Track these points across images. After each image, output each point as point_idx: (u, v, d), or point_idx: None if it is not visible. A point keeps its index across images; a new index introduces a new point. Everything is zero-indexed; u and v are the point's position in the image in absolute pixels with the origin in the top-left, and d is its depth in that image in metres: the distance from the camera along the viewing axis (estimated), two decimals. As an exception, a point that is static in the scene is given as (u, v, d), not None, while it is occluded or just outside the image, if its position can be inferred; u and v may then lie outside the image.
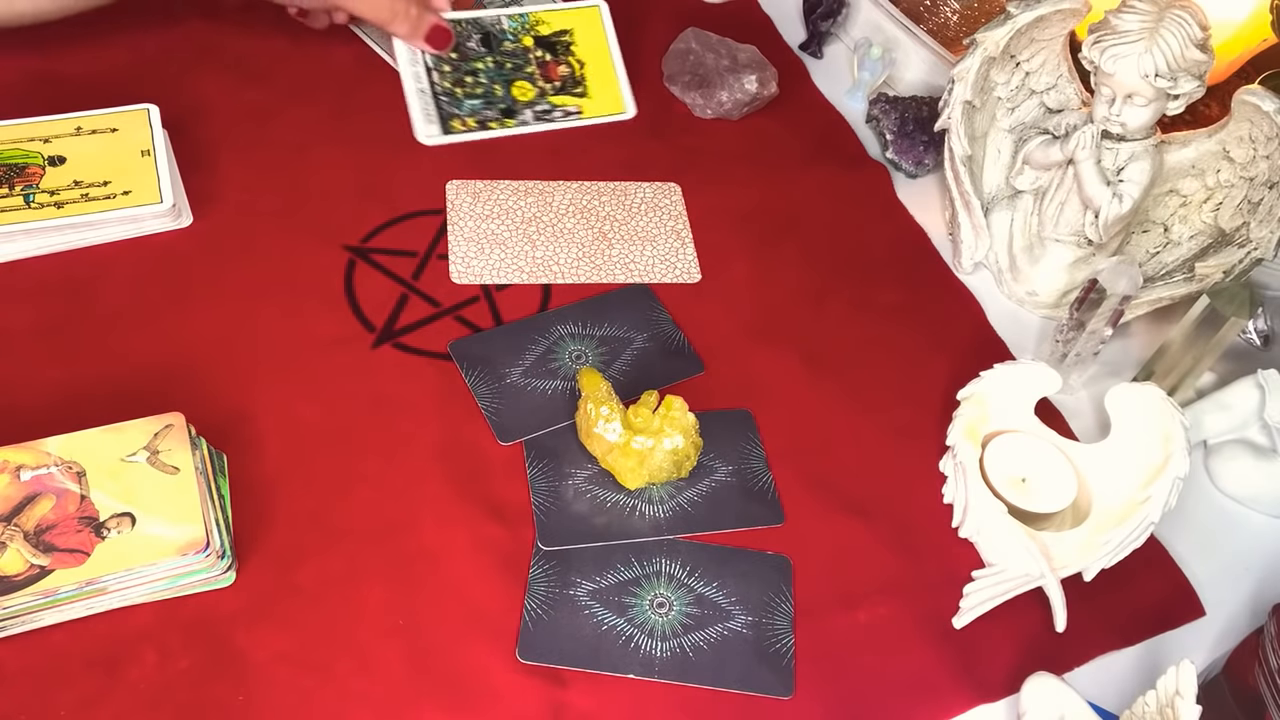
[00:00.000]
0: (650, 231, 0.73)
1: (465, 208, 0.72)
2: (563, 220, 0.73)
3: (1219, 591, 0.62)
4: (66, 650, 0.52)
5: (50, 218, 0.66)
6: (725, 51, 0.84)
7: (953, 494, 0.62)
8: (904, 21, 0.88)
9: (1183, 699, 0.46)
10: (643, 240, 0.72)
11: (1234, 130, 0.67)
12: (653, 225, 0.74)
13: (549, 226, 0.72)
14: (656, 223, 0.74)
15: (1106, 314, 0.65)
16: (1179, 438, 0.59)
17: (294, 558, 0.56)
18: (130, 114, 0.71)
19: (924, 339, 0.71)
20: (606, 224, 0.73)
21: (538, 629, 0.55)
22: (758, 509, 0.61)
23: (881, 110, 0.83)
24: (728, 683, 0.54)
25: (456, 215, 0.72)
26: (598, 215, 0.74)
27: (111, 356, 0.62)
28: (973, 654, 0.57)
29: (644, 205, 0.75)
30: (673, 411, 0.59)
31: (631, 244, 0.72)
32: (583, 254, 0.71)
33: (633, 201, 0.75)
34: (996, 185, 0.76)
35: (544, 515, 0.59)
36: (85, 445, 0.54)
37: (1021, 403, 0.63)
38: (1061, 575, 0.57)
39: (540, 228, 0.72)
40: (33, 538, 0.51)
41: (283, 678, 0.52)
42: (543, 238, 0.71)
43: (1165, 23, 0.62)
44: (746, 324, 0.70)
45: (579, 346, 0.67)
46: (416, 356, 0.65)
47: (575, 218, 0.73)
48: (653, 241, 0.72)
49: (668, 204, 0.76)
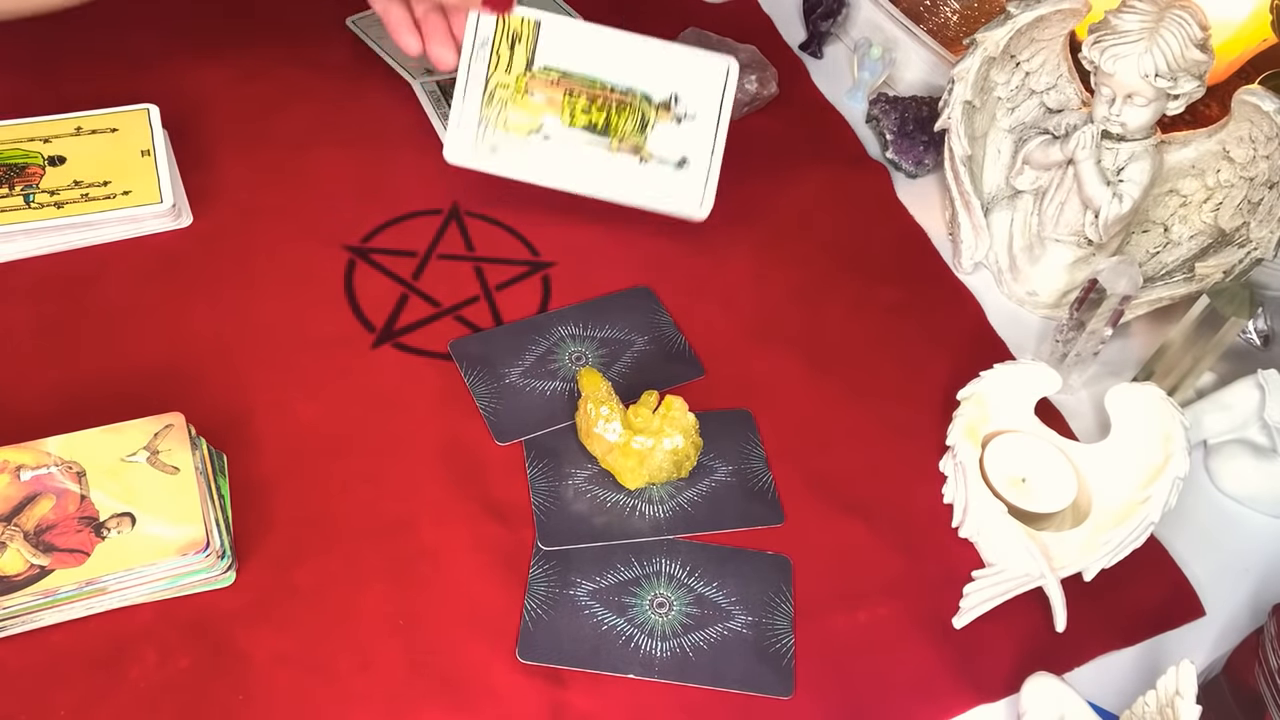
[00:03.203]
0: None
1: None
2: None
3: (1219, 591, 0.62)
4: (66, 650, 0.52)
5: (50, 218, 0.66)
6: (725, 51, 0.84)
7: (953, 494, 0.62)
8: (904, 21, 0.88)
9: (1183, 699, 0.46)
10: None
11: (1234, 130, 0.67)
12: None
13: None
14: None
15: (1106, 314, 0.65)
16: (1179, 438, 0.59)
17: (294, 558, 0.56)
18: (130, 114, 0.71)
19: (924, 339, 0.71)
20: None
21: (538, 629, 0.55)
22: (758, 509, 0.61)
23: (881, 110, 0.83)
24: (727, 683, 0.54)
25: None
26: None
27: (111, 356, 0.62)
28: (973, 654, 0.57)
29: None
30: (673, 411, 0.59)
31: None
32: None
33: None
34: (996, 185, 0.76)
35: (544, 515, 0.59)
36: (85, 445, 0.54)
37: (1021, 403, 0.63)
38: (1061, 575, 0.57)
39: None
40: (33, 538, 0.51)
41: (283, 678, 0.52)
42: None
43: (1165, 23, 0.62)
44: (746, 324, 0.70)
45: (579, 348, 0.67)
46: (416, 356, 0.65)
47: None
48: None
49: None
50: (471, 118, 0.62)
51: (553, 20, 0.64)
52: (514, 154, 0.63)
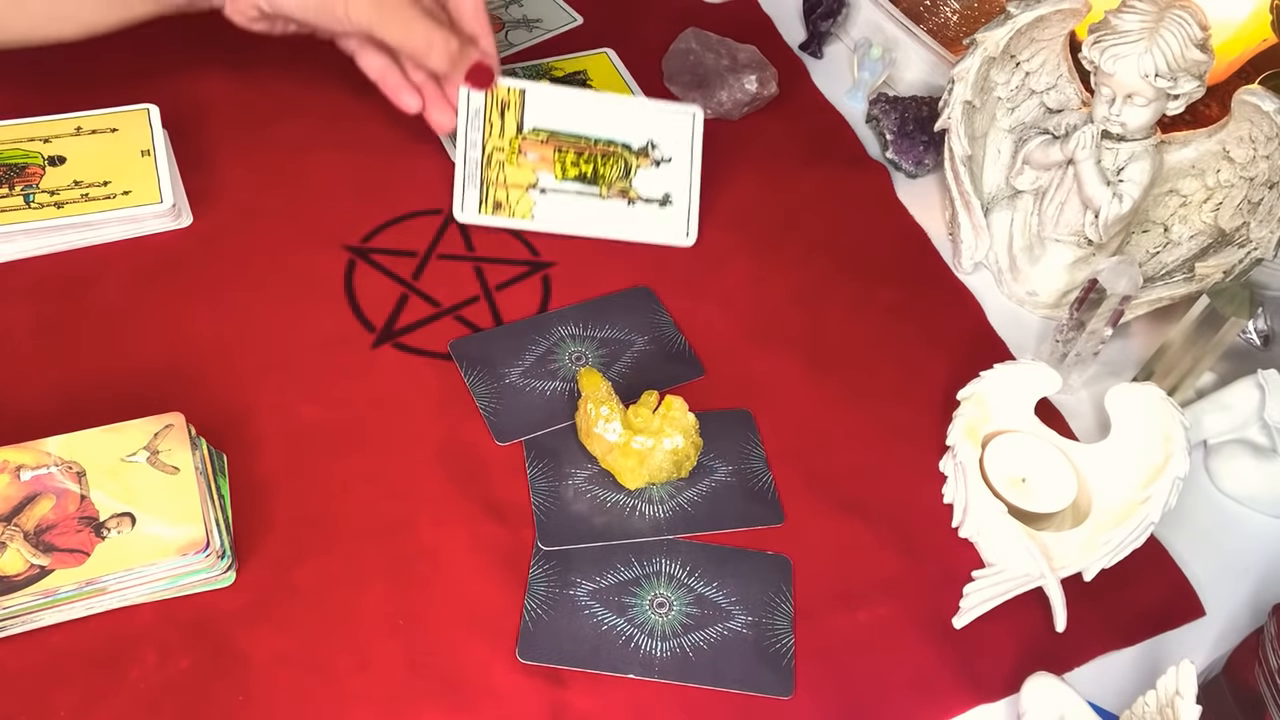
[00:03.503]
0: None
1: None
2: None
3: (1219, 591, 0.62)
4: (66, 650, 0.52)
5: (50, 218, 0.66)
6: (725, 51, 0.84)
7: (953, 494, 0.62)
8: (904, 21, 0.88)
9: (1183, 699, 0.46)
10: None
11: (1234, 130, 0.67)
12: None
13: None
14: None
15: (1106, 314, 0.65)
16: (1179, 438, 0.59)
17: (294, 558, 0.56)
18: (130, 114, 0.71)
19: (924, 339, 0.71)
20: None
21: (538, 629, 0.55)
22: (758, 509, 0.61)
23: (881, 110, 0.83)
24: (728, 683, 0.54)
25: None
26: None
27: (111, 356, 0.62)
28: (973, 654, 0.57)
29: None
30: (673, 411, 0.59)
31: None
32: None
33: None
34: (996, 185, 0.76)
35: (544, 515, 0.59)
36: (85, 445, 0.54)
37: (1021, 403, 0.63)
38: (1061, 575, 0.57)
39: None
40: (33, 538, 0.51)
41: (283, 678, 0.52)
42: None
43: (1165, 23, 0.62)
44: (746, 324, 0.70)
45: (579, 348, 0.67)
46: (416, 356, 0.65)
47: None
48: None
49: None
50: (475, 180, 0.68)
51: (535, 88, 0.71)
52: (516, 208, 0.70)
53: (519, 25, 0.87)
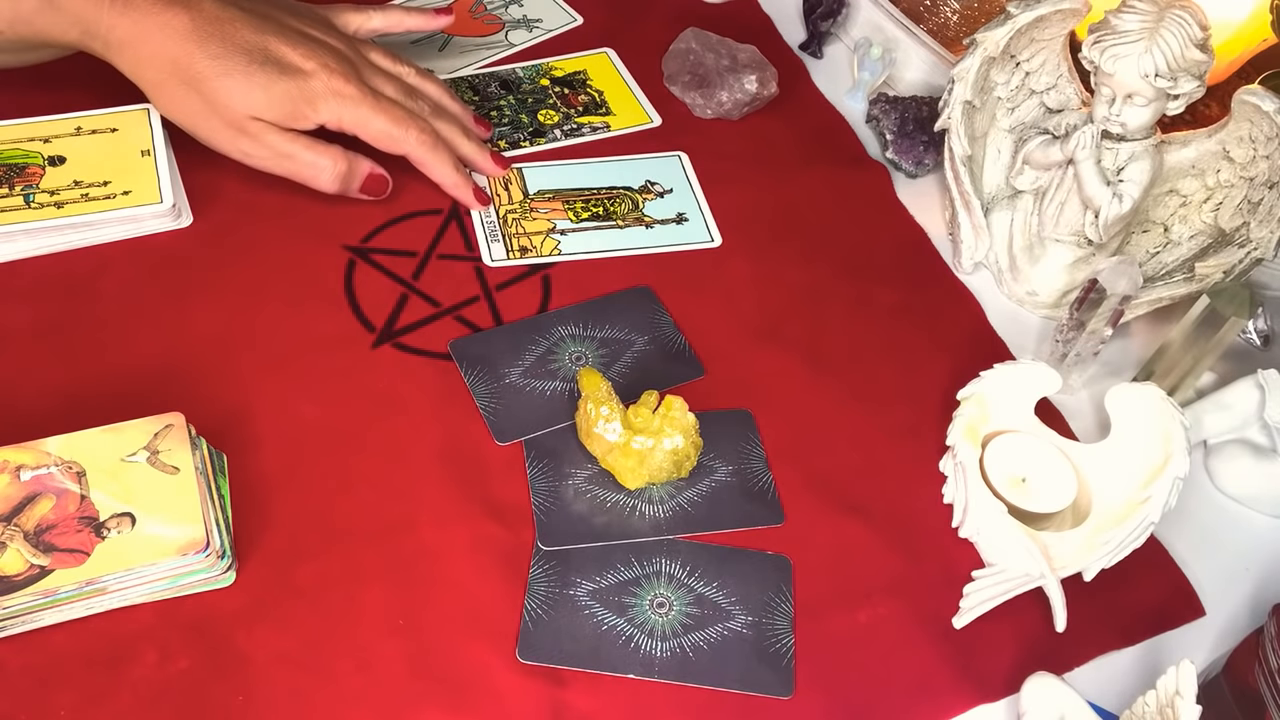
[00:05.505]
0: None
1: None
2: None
3: (1219, 591, 0.62)
4: (66, 650, 0.52)
5: (50, 218, 0.66)
6: (725, 51, 0.84)
7: (953, 494, 0.62)
8: (904, 21, 0.88)
9: (1183, 699, 0.46)
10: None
11: (1234, 130, 0.67)
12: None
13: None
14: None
15: (1106, 314, 0.65)
16: (1179, 438, 0.59)
17: (294, 558, 0.56)
18: (130, 114, 0.71)
19: (924, 339, 0.71)
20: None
21: (538, 629, 0.55)
22: (758, 509, 0.61)
23: (881, 110, 0.83)
24: (727, 683, 0.54)
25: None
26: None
27: (111, 356, 0.62)
28: (973, 654, 0.57)
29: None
30: (673, 411, 0.59)
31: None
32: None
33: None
34: (996, 185, 0.76)
35: (544, 515, 0.59)
36: (85, 445, 0.54)
37: (1021, 403, 0.63)
38: (1061, 575, 0.57)
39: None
40: (33, 538, 0.51)
41: (283, 678, 0.52)
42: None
43: (1165, 23, 0.62)
44: (746, 324, 0.70)
45: (579, 348, 0.67)
46: (417, 356, 0.65)
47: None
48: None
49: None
50: (497, 236, 0.72)
51: (531, 167, 0.77)
52: (542, 249, 0.72)
53: (519, 25, 0.87)
